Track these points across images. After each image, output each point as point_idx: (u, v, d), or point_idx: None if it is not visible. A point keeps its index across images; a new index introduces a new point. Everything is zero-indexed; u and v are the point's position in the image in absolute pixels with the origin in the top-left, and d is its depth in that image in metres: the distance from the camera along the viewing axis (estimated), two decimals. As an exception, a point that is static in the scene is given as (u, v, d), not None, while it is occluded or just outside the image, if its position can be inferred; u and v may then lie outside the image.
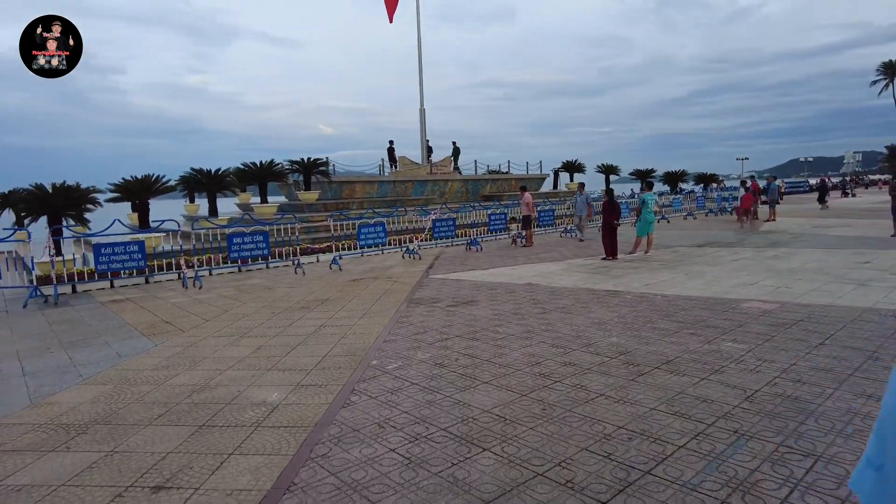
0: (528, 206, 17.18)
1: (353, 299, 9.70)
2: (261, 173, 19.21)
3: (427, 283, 10.97)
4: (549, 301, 8.73)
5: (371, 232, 14.61)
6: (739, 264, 11.69)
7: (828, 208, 27.25)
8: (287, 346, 6.81)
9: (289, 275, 13.14)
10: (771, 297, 8.40)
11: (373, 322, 7.90)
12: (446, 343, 6.57)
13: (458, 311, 8.26)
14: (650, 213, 13.96)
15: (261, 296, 10.52)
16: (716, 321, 7.08)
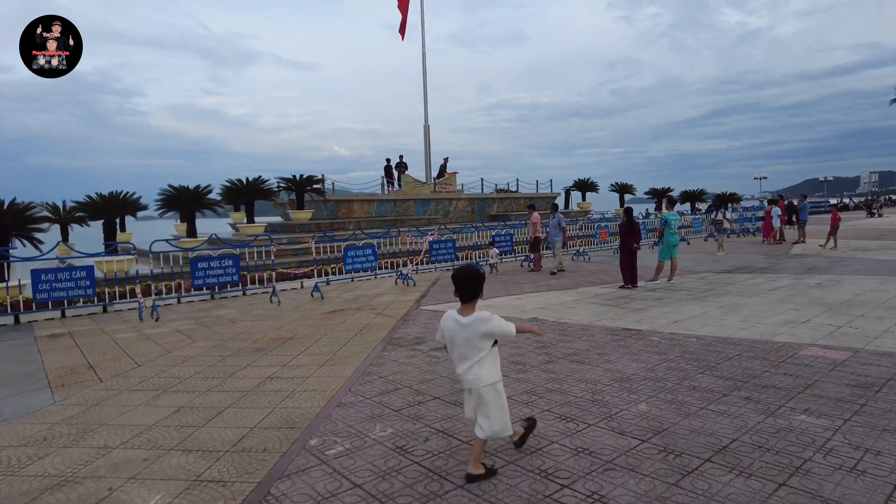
0: (536, 227, 15.61)
1: (321, 338, 8.12)
2: (247, 191, 17.81)
3: (415, 317, 9.38)
4: (557, 344, 7.10)
5: (359, 255, 13.07)
6: (780, 295, 10.00)
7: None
8: (212, 410, 5.23)
9: (263, 304, 11.61)
10: (835, 341, 6.72)
11: (334, 372, 6.31)
12: (419, 410, 4.96)
13: (444, 358, 6.65)
14: (673, 234, 12.32)
15: (219, 331, 8.98)
16: (773, 377, 5.42)
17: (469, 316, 3.58)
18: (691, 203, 34.52)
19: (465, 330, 3.56)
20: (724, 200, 33.72)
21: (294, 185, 19.47)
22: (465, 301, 3.65)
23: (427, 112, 27.81)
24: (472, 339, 3.54)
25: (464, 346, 3.58)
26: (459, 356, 3.62)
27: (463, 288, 3.63)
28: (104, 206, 14.44)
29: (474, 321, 3.55)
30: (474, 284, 3.65)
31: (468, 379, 3.58)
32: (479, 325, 3.53)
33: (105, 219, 14.48)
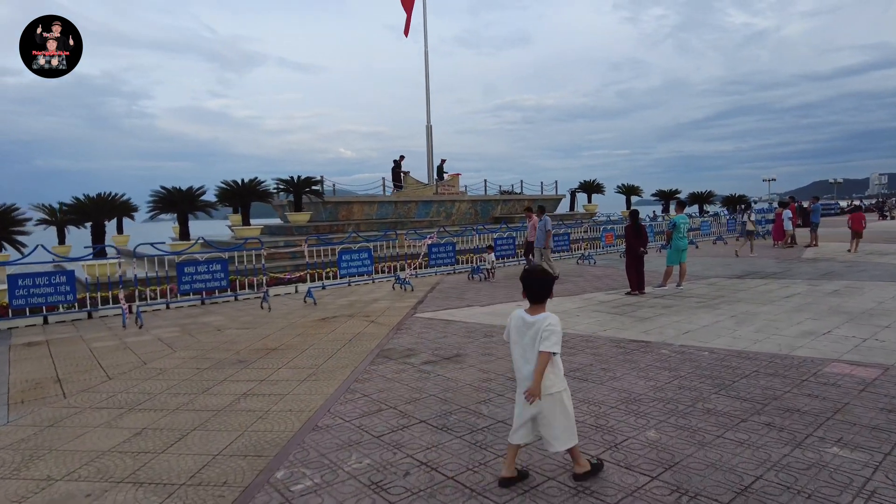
0: (535, 230, 15.04)
1: (307, 349, 7.63)
2: (242, 192, 17.36)
3: (409, 325, 8.88)
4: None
5: (354, 259, 12.57)
6: (796, 302, 9.44)
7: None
8: (176, 433, 4.75)
9: (254, 310, 11.14)
10: (861, 356, 6.18)
11: (315, 389, 5.81)
12: (401, 436, 4.45)
13: (435, 373, 6.15)
14: (682, 238, 11.77)
15: (202, 340, 8.51)
16: (796, 399, 4.88)
17: (536, 315, 3.46)
18: (699, 205, 33.89)
19: (529, 329, 3.44)
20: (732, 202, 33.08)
21: (292, 186, 19.02)
22: (533, 302, 3.54)
23: (429, 112, 27.36)
24: (535, 341, 3.39)
25: (527, 347, 3.46)
26: (522, 357, 3.50)
27: (531, 288, 3.54)
28: (92, 208, 14.00)
29: (539, 321, 3.42)
30: (543, 285, 3.55)
31: (525, 385, 3.46)
32: (542, 326, 3.38)
33: (94, 221, 14.04)
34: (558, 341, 3.38)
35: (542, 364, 3.36)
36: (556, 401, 3.45)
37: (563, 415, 3.46)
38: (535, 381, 3.37)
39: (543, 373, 3.38)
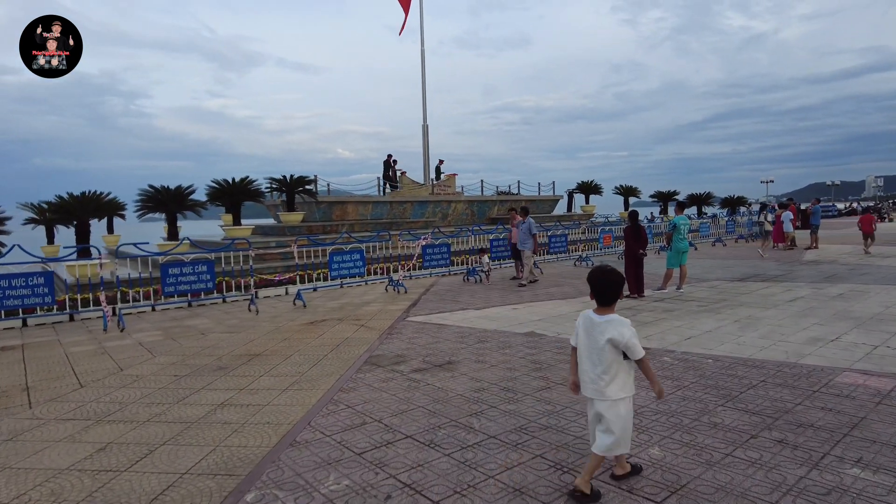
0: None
1: (292, 355, 7.30)
2: (233, 192, 17.00)
3: (400, 330, 8.54)
4: (555, 365, 6.26)
5: (346, 260, 12.22)
6: (800, 307, 9.14)
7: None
8: (144, 447, 4.41)
9: (242, 312, 10.80)
10: (874, 364, 5.86)
11: (297, 399, 5.48)
12: (385, 453, 4.12)
13: (425, 382, 5.82)
14: (683, 240, 11.46)
15: (185, 345, 8.17)
16: (809, 412, 4.57)
17: (604, 316, 3.38)
18: (698, 207, 33.62)
19: (595, 329, 3.36)
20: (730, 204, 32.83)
21: (285, 185, 18.66)
22: (602, 303, 3.43)
23: (426, 112, 27.00)
24: (600, 342, 3.31)
25: (592, 349, 3.36)
26: (588, 359, 3.40)
27: (599, 289, 3.43)
28: (77, 207, 13.61)
29: (606, 322, 3.33)
30: (611, 286, 3.42)
31: (591, 388, 3.37)
32: (608, 328, 3.30)
33: (78, 220, 13.66)
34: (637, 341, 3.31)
35: (648, 369, 3.40)
36: (618, 409, 3.33)
37: (621, 421, 3.33)
38: (654, 383, 3.44)
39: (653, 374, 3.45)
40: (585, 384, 3.42)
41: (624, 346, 3.28)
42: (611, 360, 3.29)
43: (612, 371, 3.30)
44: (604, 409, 3.32)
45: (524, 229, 13.22)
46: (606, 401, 3.31)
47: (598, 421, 3.38)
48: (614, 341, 3.27)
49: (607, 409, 3.31)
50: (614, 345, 3.28)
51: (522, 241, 13.25)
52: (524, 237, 13.21)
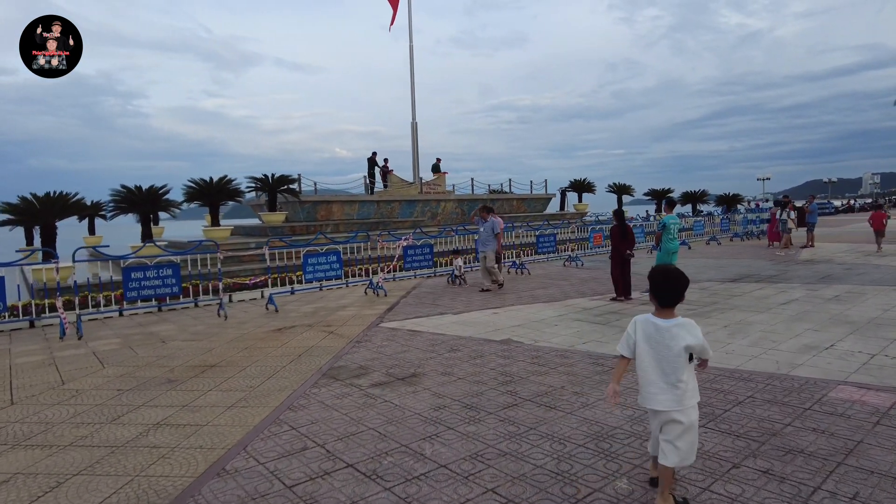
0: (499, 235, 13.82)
1: (250, 366, 6.81)
2: (211, 191, 16.48)
3: (370, 337, 8.06)
4: (527, 378, 5.78)
5: (322, 262, 11.72)
6: (794, 310, 8.68)
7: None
8: (54, 478, 3.93)
9: (211, 318, 10.31)
10: (871, 376, 5.40)
11: (240, 419, 4.99)
12: (318, 487, 3.64)
13: (383, 398, 5.34)
14: (673, 240, 10.96)
15: (140, 354, 7.68)
16: (799, 435, 4.10)
17: (670, 319, 3.12)
18: (693, 204, 33.17)
19: (663, 336, 3.10)
20: (726, 201, 32.39)
21: (266, 185, 18.15)
22: (663, 305, 3.17)
23: (415, 109, 26.49)
24: (672, 349, 3.06)
25: (663, 357, 3.10)
26: (656, 369, 3.12)
27: (662, 290, 3.15)
28: (41, 209, 13.06)
29: (676, 326, 3.09)
30: (676, 286, 3.15)
31: (661, 399, 3.10)
32: (682, 333, 3.07)
33: (42, 223, 13.13)
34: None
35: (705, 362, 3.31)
36: (694, 412, 3.14)
37: (693, 429, 3.12)
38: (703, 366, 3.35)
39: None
40: (653, 395, 3.14)
41: (700, 351, 3.12)
42: (685, 365, 3.08)
43: (686, 377, 3.09)
44: (681, 417, 3.08)
45: (487, 229, 12.39)
46: (685, 409, 3.09)
47: (670, 432, 3.11)
48: (691, 347, 3.07)
49: (685, 417, 3.09)
50: (690, 350, 3.08)
51: (484, 241, 12.40)
52: (486, 238, 12.37)
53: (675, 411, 3.08)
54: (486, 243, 12.36)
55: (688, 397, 3.10)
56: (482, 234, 12.52)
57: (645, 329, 3.18)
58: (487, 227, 12.41)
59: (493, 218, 12.60)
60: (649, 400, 3.16)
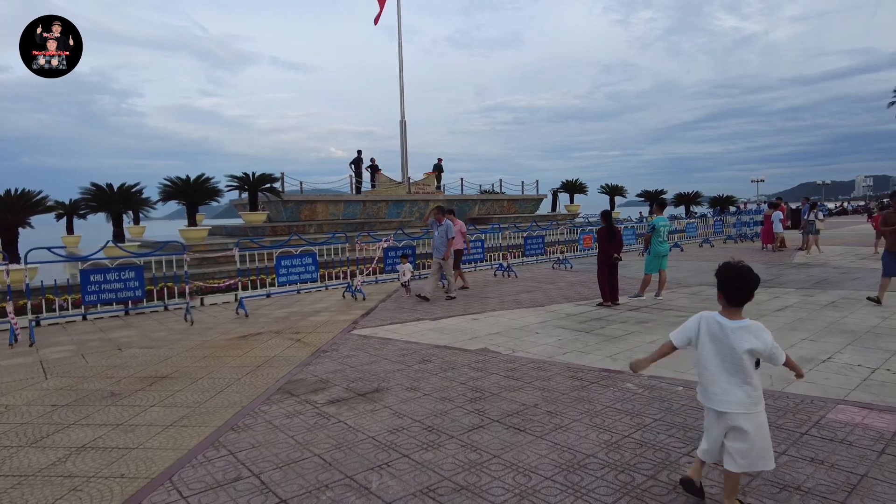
0: (464, 236, 12.62)
1: (203, 377, 6.30)
2: (187, 190, 15.92)
3: (338, 346, 7.56)
4: (498, 394, 5.29)
5: (296, 265, 11.20)
6: (788, 317, 8.24)
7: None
8: (-62, 519, 3.42)
9: (177, 323, 9.78)
10: (872, 394, 4.94)
11: (176, 440, 4.49)
12: (237, 530, 3.14)
13: (338, 418, 4.84)
14: (663, 243, 10.53)
15: (90, 363, 7.16)
16: (795, 466, 3.62)
17: (738, 321, 2.98)
18: (686, 206, 32.79)
19: (729, 337, 2.97)
20: (719, 203, 32.02)
21: (247, 183, 17.61)
22: (731, 304, 3.02)
23: (403, 108, 25.98)
24: (737, 352, 2.94)
25: (726, 358, 2.98)
26: (720, 368, 3.00)
27: (732, 288, 3.00)
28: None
29: (744, 329, 2.95)
30: (747, 285, 2.99)
31: (725, 401, 2.98)
32: (747, 336, 2.93)
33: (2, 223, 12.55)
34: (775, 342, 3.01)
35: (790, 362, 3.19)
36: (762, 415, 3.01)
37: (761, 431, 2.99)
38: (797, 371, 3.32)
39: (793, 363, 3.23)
40: (716, 395, 3.02)
41: (768, 356, 2.98)
42: (751, 368, 2.96)
43: (754, 380, 2.96)
44: (746, 422, 2.95)
45: (441, 233, 11.33)
46: (751, 413, 2.96)
47: (735, 437, 2.98)
48: (756, 352, 2.94)
49: (750, 421, 2.95)
50: (754, 355, 2.95)
51: (437, 246, 11.40)
52: (439, 243, 11.36)
53: (741, 415, 2.95)
54: (439, 249, 11.36)
55: (756, 400, 2.97)
56: (436, 238, 11.50)
57: (710, 327, 3.06)
58: (441, 230, 11.36)
59: (450, 221, 11.60)
60: (712, 400, 3.04)
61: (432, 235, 11.73)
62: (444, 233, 11.31)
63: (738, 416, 2.95)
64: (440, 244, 11.32)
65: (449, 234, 11.30)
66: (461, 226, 12.43)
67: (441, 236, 11.33)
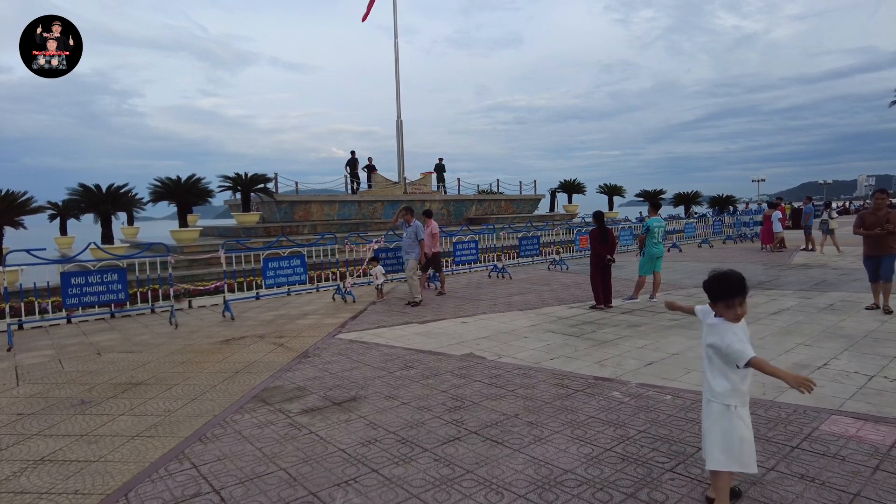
0: (435, 238, 11.87)
1: (179, 384, 6.11)
2: (178, 191, 15.72)
3: (321, 351, 7.37)
4: (479, 403, 5.09)
5: (284, 267, 11.00)
6: (784, 321, 8.04)
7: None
8: None
9: (161, 326, 9.60)
10: (869, 403, 4.73)
11: (139, 453, 4.30)
12: (185, 555, 2.95)
13: (309, 429, 4.65)
14: (657, 244, 10.33)
15: (67, 369, 6.97)
16: (784, 484, 3.42)
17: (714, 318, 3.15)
18: (685, 206, 32.55)
19: (703, 329, 3.24)
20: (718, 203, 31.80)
21: (239, 184, 17.42)
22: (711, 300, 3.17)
23: (400, 107, 25.80)
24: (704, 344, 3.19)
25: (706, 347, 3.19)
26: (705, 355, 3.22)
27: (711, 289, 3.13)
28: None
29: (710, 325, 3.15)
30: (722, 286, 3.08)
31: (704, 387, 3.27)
32: (710, 332, 3.13)
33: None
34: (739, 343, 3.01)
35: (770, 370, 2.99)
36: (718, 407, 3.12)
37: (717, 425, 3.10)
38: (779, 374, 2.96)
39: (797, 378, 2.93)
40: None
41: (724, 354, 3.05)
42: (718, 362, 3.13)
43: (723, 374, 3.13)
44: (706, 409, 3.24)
45: (409, 234, 10.85)
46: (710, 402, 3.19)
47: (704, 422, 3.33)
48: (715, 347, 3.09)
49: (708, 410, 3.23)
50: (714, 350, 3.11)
51: (406, 248, 10.97)
52: (408, 244, 10.89)
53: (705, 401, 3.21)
54: (408, 250, 10.90)
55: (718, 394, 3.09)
56: (404, 239, 11.07)
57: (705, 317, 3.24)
58: (410, 231, 10.87)
59: (419, 221, 11.06)
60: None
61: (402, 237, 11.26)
62: (413, 234, 10.85)
63: (705, 402, 3.21)
64: (408, 245, 10.94)
65: (419, 235, 10.86)
66: (433, 227, 11.90)
67: (410, 237, 10.90)
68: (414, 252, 10.88)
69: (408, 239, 10.93)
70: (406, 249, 10.98)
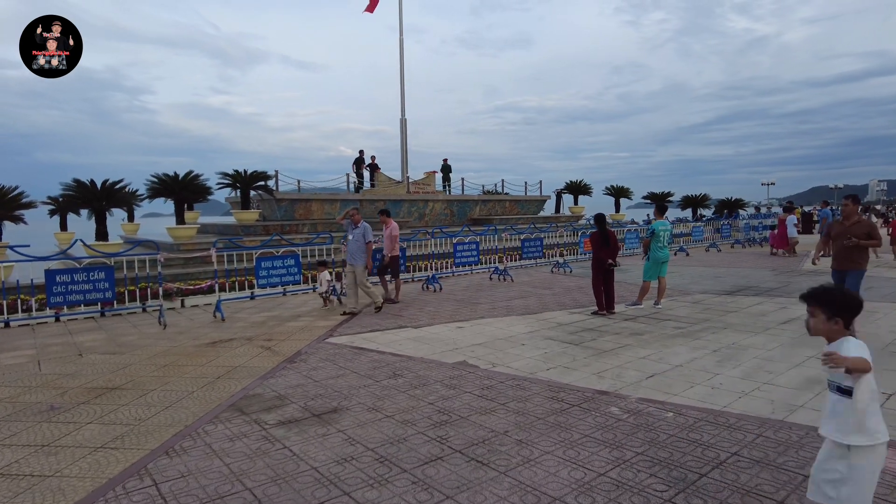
0: (395, 241, 11.03)
1: (156, 389, 5.83)
2: (175, 188, 15.49)
3: (308, 356, 7.07)
4: (467, 417, 4.77)
5: (277, 267, 10.72)
6: (795, 330, 7.66)
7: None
8: None
9: (150, 326, 9.34)
10: (889, 426, 4.33)
11: (100, 467, 4.01)
12: None
13: (284, 443, 4.35)
14: (662, 249, 9.98)
15: (44, 371, 6.71)
16: (797, 519, 3.08)
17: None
18: (693, 209, 32.07)
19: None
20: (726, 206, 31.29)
21: (239, 181, 17.17)
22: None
23: (404, 106, 25.49)
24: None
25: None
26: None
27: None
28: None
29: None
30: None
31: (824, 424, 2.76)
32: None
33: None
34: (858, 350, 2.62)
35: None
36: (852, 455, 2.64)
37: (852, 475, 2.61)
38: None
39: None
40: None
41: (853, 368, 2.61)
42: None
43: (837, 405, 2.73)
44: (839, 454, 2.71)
45: (357, 237, 9.96)
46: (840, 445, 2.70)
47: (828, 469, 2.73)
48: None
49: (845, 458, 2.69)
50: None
51: (353, 252, 9.96)
52: (355, 248, 9.93)
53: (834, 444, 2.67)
54: (354, 255, 9.94)
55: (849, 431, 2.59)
56: (350, 242, 10.04)
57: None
58: (357, 233, 9.98)
59: (365, 223, 10.21)
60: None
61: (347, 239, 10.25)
62: (361, 236, 9.98)
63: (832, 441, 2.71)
64: (355, 249, 9.93)
65: (366, 237, 9.98)
66: (393, 228, 10.97)
67: (357, 240, 9.96)
68: (360, 258, 9.92)
69: (355, 242, 9.96)
70: (352, 253, 9.97)
